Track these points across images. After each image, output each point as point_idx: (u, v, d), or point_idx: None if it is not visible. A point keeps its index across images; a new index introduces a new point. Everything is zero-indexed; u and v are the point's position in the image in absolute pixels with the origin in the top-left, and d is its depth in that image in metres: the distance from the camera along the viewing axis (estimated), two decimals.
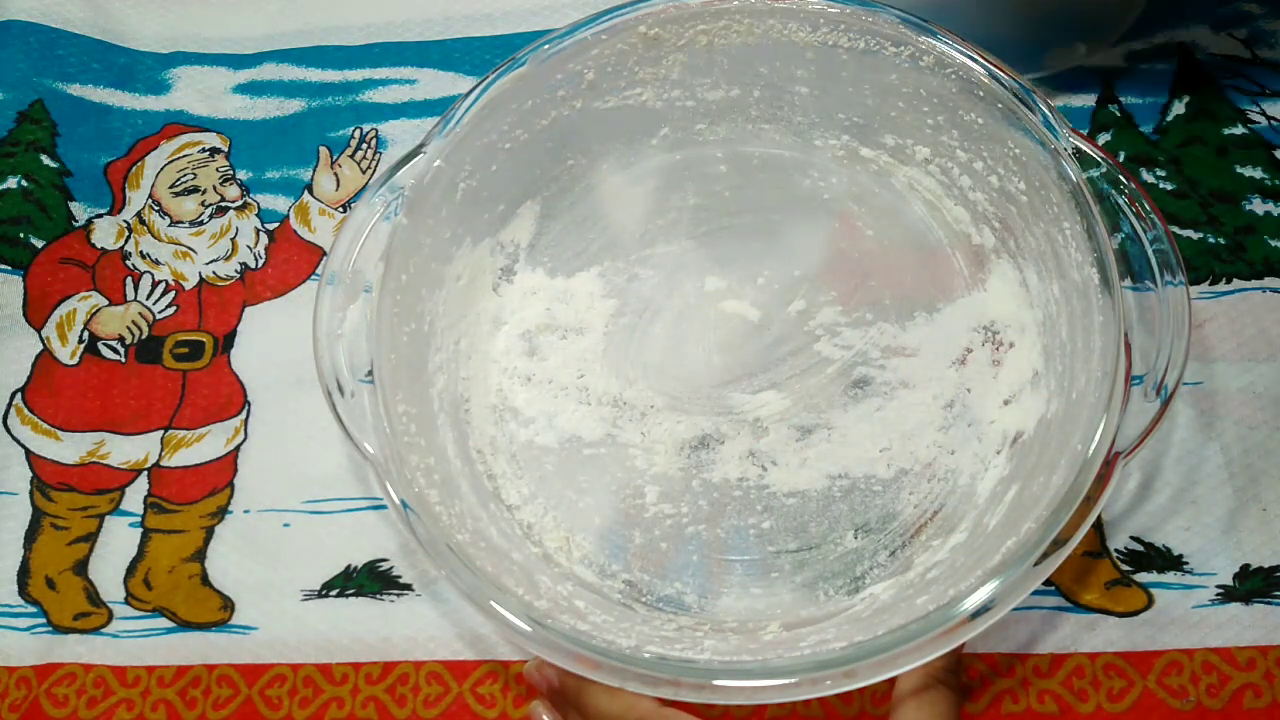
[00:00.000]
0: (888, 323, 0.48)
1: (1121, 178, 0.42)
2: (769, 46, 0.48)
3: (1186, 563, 0.45)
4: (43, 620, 0.48)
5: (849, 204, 0.51)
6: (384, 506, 0.41)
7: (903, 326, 0.48)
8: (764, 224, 0.51)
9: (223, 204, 0.57)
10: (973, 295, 0.48)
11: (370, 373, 0.42)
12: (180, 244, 0.56)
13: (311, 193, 0.57)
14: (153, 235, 0.56)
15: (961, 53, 0.45)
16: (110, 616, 0.48)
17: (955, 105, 0.46)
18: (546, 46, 0.47)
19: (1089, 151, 0.42)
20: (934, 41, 0.45)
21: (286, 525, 0.49)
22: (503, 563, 0.41)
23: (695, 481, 0.46)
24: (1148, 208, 0.42)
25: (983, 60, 0.44)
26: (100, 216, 0.57)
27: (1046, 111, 0.43)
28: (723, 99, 0.51)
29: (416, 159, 0.45)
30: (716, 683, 0.36)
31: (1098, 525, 0.46)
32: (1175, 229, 0.51)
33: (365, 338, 0.43)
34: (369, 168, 0.57)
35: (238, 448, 0.51)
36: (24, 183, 0.57)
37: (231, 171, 0.57)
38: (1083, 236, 0.41)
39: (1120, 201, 0.42)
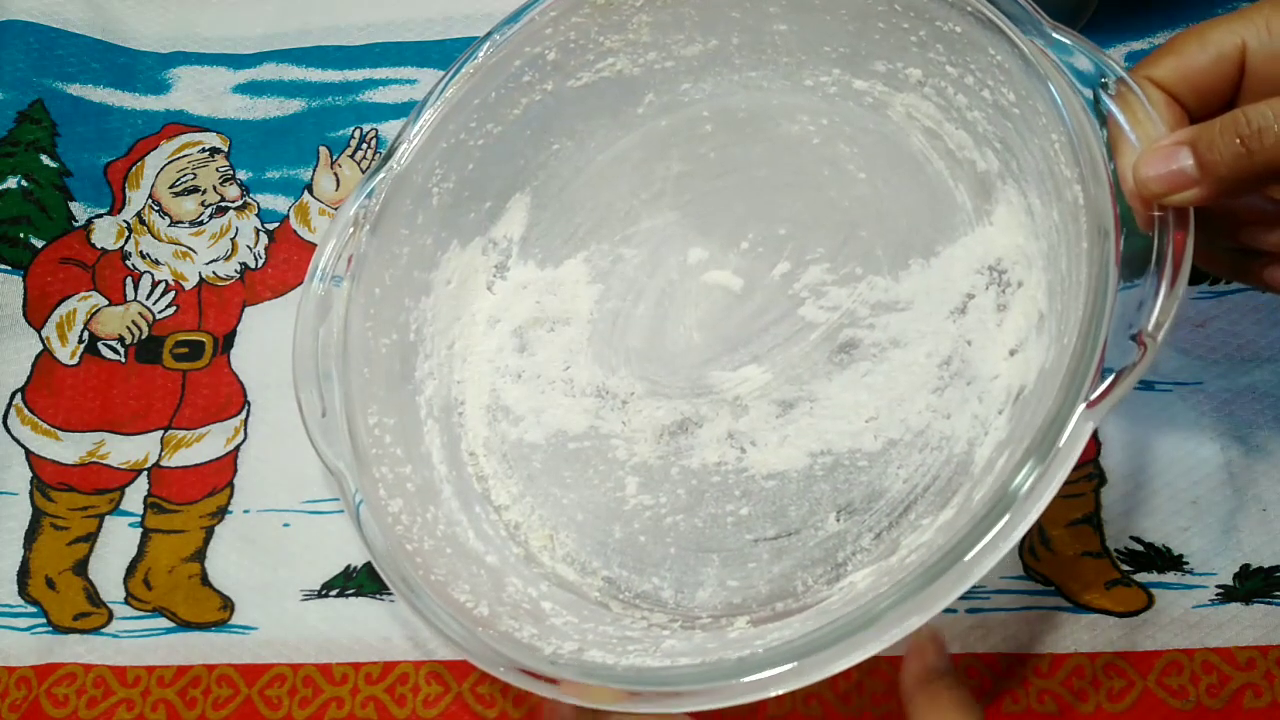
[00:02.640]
0: (879, 275, 0.45)
1: (1108, 70, 0.36)
2: None
3: (1186, 563, 0.45)
4: (43, 620, 0.48)
5: (839, 146, 0.48)
6: None
7: (895, 277, 0.45)
8: (749, 183, 0.48)
9: (223, 204, 0.57)
10: (976, 232, 0.44)
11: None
12: (180, 244, 0.56)
13: (311, 193, 0.57)
14: (153, 235, 0.56)
15: None
16: (110, 616, 0.48)
17: (932, 15, 0.42)
18: (496, 36, 0.46)
19: (1069, 42, 0.38)
20: None
21: (286, 525, 0.49)
22: (466, 568, 0.41)
23: (674, 469, 0.45)
24: (1146, 110, 0.35)
25: None
26: (100, 216, 0.57)
27: (1023, 6, 0.39)
28: (701, 53, 0.48)
29: (379, 174, 0.45)
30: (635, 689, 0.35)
31: (1098, 525, 0.46)
32: None
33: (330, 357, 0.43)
34: (369, 168, 0.57)
35: (238, 448, 0.51)
36: (24, 183, 0.57)
37: (231, 171, 0.57)
38: (1069, 150, 0.37)
39: (1107, 99, 0.36)
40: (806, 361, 0.45)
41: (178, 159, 0.58)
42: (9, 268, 0.55)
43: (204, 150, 0.58)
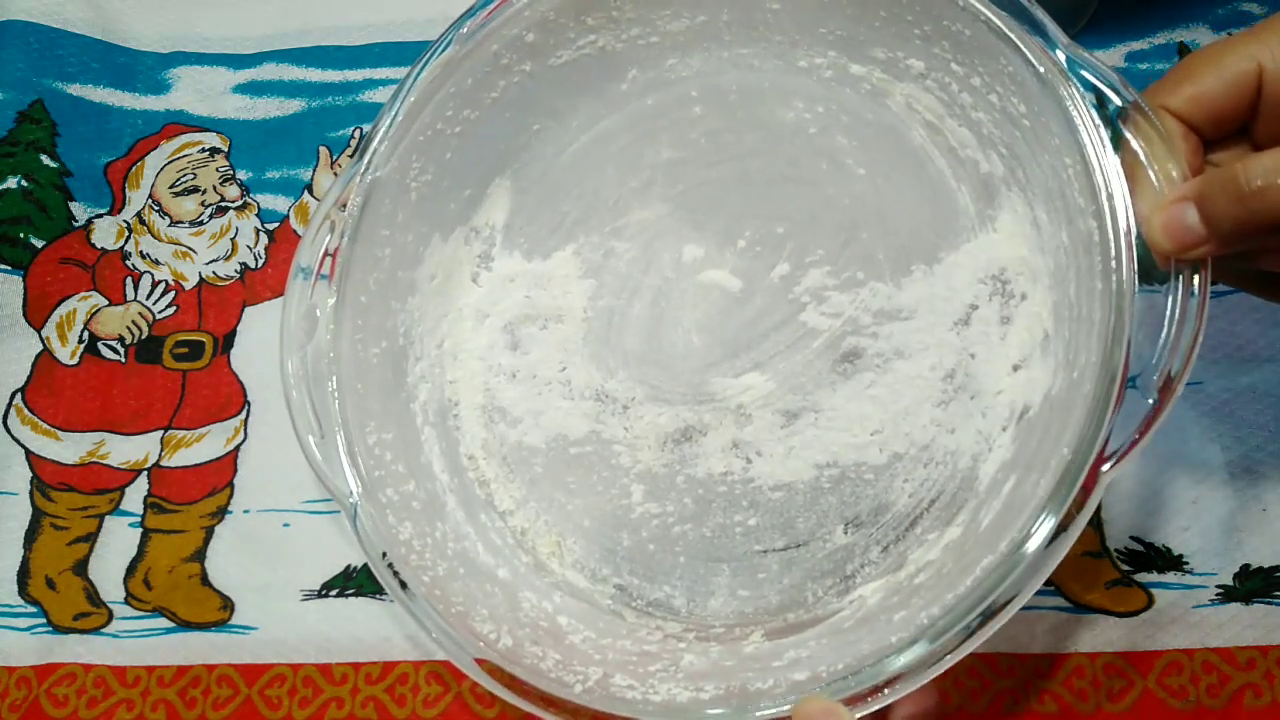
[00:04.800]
0: (881, 281, 0.44)
1: (1130, 108, 0.36)
2: None
3: (1186, 563, 0.45)
4: (43, 620, 0.48)
5: (838, 138, 0.46)
6: None
7: (898, 284, 0.44)
8: (744, 174, 0.47)
9: (223, 204, 0.57)
10: (980, 238, 0.43)
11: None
12: (180, 244, 0.56)
13: (311, 193, 0.57)
14: (153, 235, 0.56)
15: None
16: (110, 616, 0.48)
17: (939, 14, 0.41)
18: (468, 22, 0.44)
19: (1089, 69, 0.37)
20: None
21: (286, 525, 0.49)
22: (482, 588, 0.41)
23: (679, 478, 0.44)
24: (1163, 143, 0.35)
25: None
26: (100, 216, 0.57)
27: (1038, 19, 0.38)
28: (689, 28, 0.46)
29: (352, 177, 0.44)
30: None
31: (1098, 525, 0.46)
32: None
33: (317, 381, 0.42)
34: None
35: (238, 448, 0.51)
36: (24, 183, 0.57)
37: (231, 171, 0.57)
38: (1083, 178, 0.36)
39: (1124, 127, 0.36)
40: (810, 370, 0.44)
41: (178, 159, 0.58)
42: (9, 268, 0.55)
43: (204, 150, 0.58)
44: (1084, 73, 0.37)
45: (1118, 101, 0.36)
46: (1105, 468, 0.34)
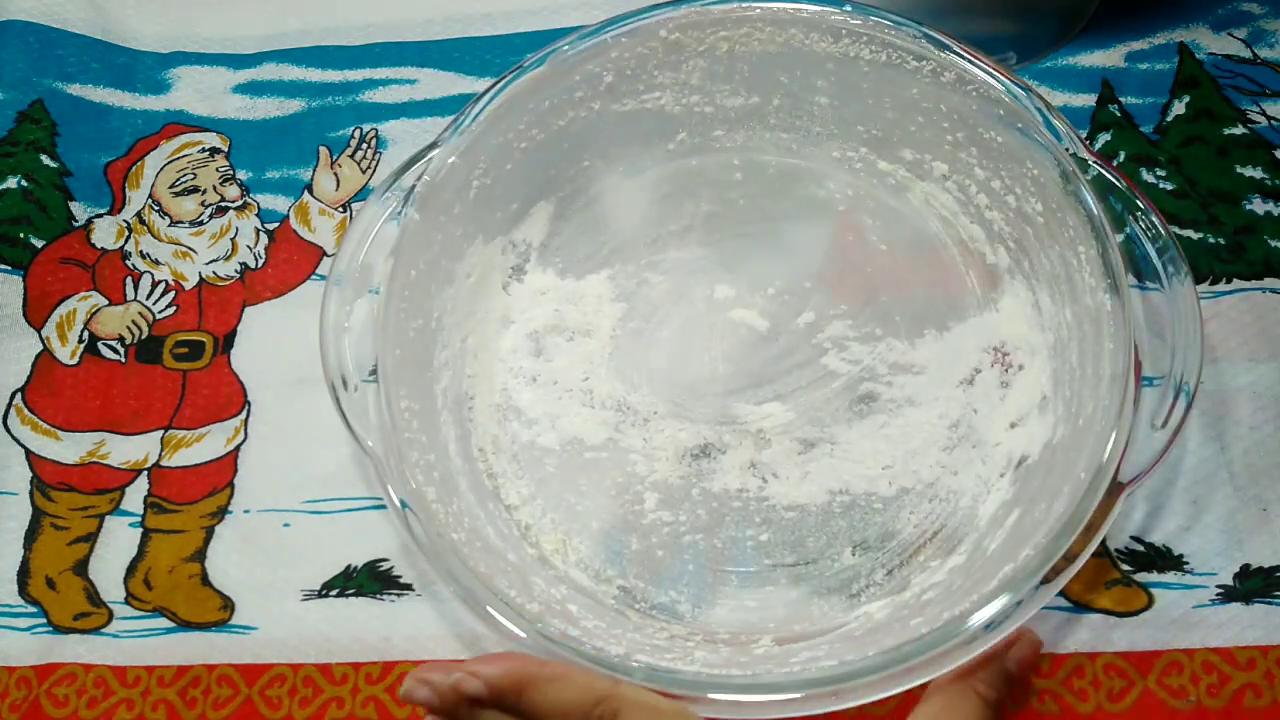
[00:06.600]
0: (897, 339, 0.48)
1: (1139, 203, 0.42)
2: (790, 55, 0.48)
3: (1186, 563, 0.45)
4: (43, 620, 0.48)
5: (863, 217, 0.51)
6: (384, 507, 0.42)
7: (912, 344, 0.48)
8: (776, 234, 0.51)
9: (223, 204, 0.57)
10: (984, 315, 0.48)
11: (374, 371, 0.43)
12: (180, 244, 0.56)
13: (311, 193, 0.57)
14: (153, 235, 0.56)
15: (983, 70, 0.45)
16: (110, 616, 0.48)
17: (975, 123, 0.46)
18: (566, 48, 0.47)
19: (1108, 175, 0.42)
20: (955, 58, 0.45)
21: (286, 525, 0.49)
22: (497, 563, 0.41)
23: (695, 490, 0.46)
24: (1166, 238, 0.41)
25: (1004, 78, 0.44)
26: (100, 216, 0.57)
27: (1066, 132, 0.43)
28: (742, 106, 0.51)
29: (430, 155, 0.45)
30: (711, 695, 0.36)
31: None
32: (1175, 229, 0.51)
33: (371, 334, 0.43)
34: (369, 168, 0.57)
35: (238, 448, 0.51)
36: (24, 183, 0.57)
37: (231, 171, 0.57)
38: (1097, 261, 0.41)
39: (1137, 230, 0.42)
40: (828, 406, 0.47)
41: (178, 159, 0.58)
42: (9, 268, 0.55)
43: (204, 150, 0.58)
44: (1103, 180, 0.42)
45: (1131, 210, 0.42)
46: (1129, 491, 0.38)
